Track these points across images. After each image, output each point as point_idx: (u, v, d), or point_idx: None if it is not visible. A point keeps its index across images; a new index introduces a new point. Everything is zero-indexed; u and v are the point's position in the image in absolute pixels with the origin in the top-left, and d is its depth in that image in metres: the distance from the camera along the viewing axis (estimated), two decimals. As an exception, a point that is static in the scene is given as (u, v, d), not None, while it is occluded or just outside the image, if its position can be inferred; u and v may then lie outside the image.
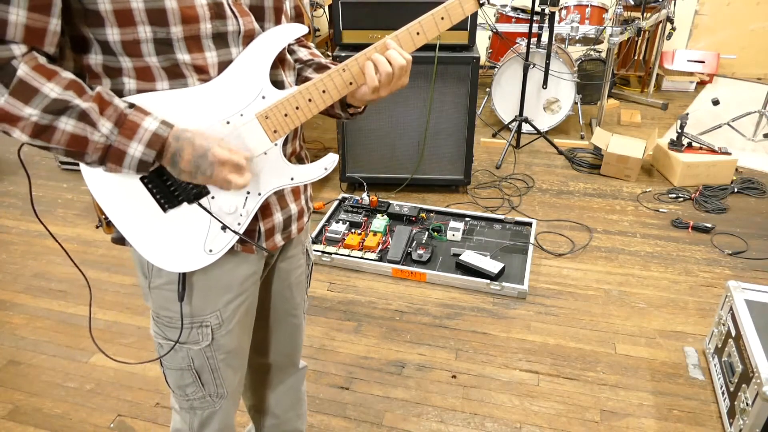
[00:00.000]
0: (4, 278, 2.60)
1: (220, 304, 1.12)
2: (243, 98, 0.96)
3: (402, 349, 2.18)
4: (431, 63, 2.91)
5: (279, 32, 0.98)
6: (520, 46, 3.81)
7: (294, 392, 1.54)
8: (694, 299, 2.43)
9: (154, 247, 1.00)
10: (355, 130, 3.13)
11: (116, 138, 0.87)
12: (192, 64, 0.92)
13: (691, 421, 1.88)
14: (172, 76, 0.92)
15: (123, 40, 0.88)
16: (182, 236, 1.00)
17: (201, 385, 1.20)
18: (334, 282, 2.56)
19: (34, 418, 1.91)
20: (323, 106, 1.01)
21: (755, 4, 4.97)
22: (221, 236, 1.02)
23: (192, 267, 1.03)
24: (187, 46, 0.91)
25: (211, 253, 1.02)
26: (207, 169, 0.91)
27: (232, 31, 0.94)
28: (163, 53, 0.90)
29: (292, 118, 0.99)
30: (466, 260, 2.56)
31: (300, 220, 1.20)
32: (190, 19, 0.88)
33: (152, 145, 0.89)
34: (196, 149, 0.90)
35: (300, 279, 1.35)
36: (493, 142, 3.95)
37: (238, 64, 0.96)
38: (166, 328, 1.13)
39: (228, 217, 1.01)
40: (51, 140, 0.85)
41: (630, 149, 3.41)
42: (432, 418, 1.90)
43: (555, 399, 1.96)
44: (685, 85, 4.94)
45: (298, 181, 1.05)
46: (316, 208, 3.09)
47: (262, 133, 0.98)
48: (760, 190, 3.27)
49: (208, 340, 1.14)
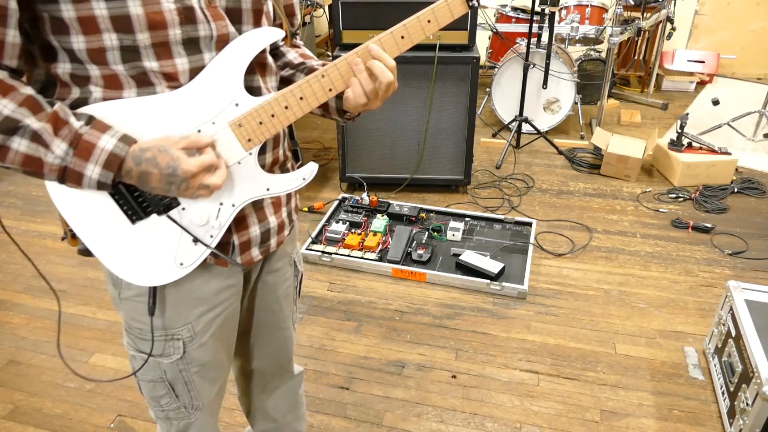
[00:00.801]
0: (4, 278, 2.60)
1: (192, 317, 1.09)
2: (215, 106, 0.92)
3: (402, 349, 2.18)
4: (431, 63, 2.91)
5: (253, 36, 0.93)
6: (520, 46, 3.81)
7: (291, 396, 1.52)
8: (694, 299, 2.43)
9: (121, 260, 0.96)
10: (355, 130, 3.13)
11: (72, 159, 0.84)
12: (161, 72, 0.88)
13: (691, 421, 1.88)
14: (140, 84, 0.89)
15: (88, 48, 0.84)
16: (151, 249, 0.96)
17: (175, 397, 1.17)
18: (334, 282, 2.56)
19: (34, 418, 1.91)
20: (301, 113, 0.97)
21: (755, 4, 4.97)
22: (193, 249, 0.98)
23: (162, 281, 0.99)
24: (156, 53, 0.87)
25: (182, 267, 0.98)
26: (181, 184, 0.88)
27: (204, 36, 0.90)
28: (129, 61, 0.86)
29: (267, 127, 0.94)
30: (466, 260, 2.56)
31: (280, 234, 1.15)
32: (157, 25, 0.84)
33: (109, 166, 0.85)
34: (164, 169, 0.86)
35: (288, 292, 1.31)
36: (493, 142, 3.95)
37: (210, 70, 0.91)
38: (137, 339, 1.09)
39: (200, 229, 0.97)
40: (5, 160, 0.83)
41: (630, 149, 3.41)
42: (432, 418, 1.90)
43: (555, 399, 1.96)
44: (685, 85, 4.94)
45: (275, 192, 1.01)
46: (316, 208, 3.09)
47: (235, 142, 0.94)
48: (760, 190, 3.27)
49: (180, 353, 1.11)
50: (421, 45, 2.91)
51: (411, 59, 2.91)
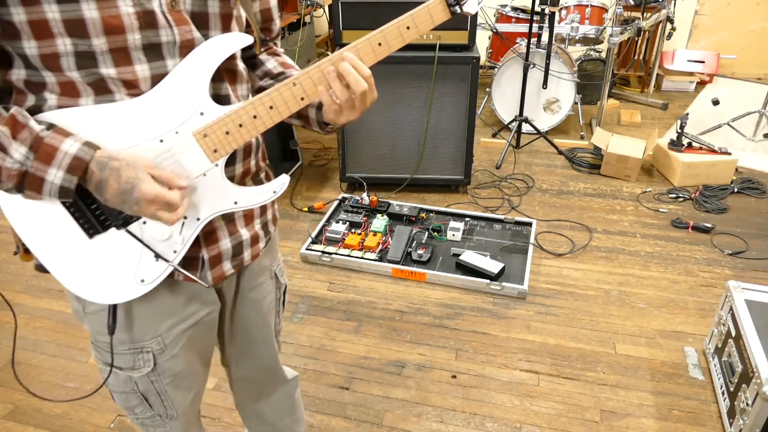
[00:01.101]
0: (4, 278, 2.60)
1: (161, 330, 1.05)
2: (179, 115, 0.87)
3: (402, 349, 2.18)
4: (431, 63, 2.91)
5: (220, 42, 0.88)
6: (520, 46, 3.81)
7: (287, 400, 1.50)
8: (694, 299, 2.43)
9: (78, 276, 0.90)
10: (355, 130, 3.13)
11: (32, 164, 0.79)
12: (119, 79, 0.83)
13: (691, 421, 1.88)
14: (98, 92, 0.84)
15: (41, 53, 0.80)
16: (111, 265, 0.91)
17: (149, 406, 1.14)
18: (334, 282, 2.56)
19: (34, 418, 1.91)
20: (271, 123, 0.91)
21: (755, 4, 4.97)
22: (154, 265, 0.92)
23: (123, 298, 0.94)
24: (113, 59, 0.82)
25: (143, 284, 0.93)
26: (133, 205, 0.83)
27: (167, 42, 0.85)
28: (85, 68, 0.81)
29: (234, 137, 0.89)
30: (466, 260, 2.56)
31: (254, 246, 1.10)
32: (114, 30, 0.80)
33: (73, 170, 0.81)
34: (122, 183, 0.81)
35: (271, 306, 1.27)
36: (493, 142, 3.96)
37: (174, 77, 0.86)
38: (105, 353, 1.06)
39: (161, 244, 0.91)
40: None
41: (630, 149, 3.41)
42: (432, 418, 1.90)
43: (555, 399, 1.96)
44: (685, 85, 4.94)
45: (243, 206, 0.96)
46: (316, 208, 3.09)
47: (200, 152, 0.89)
48: (760, 190, 3.27)
49: (150, 366, 1.07)
50: (421, 45, 2.91)
51: (411, 59, 2.91)
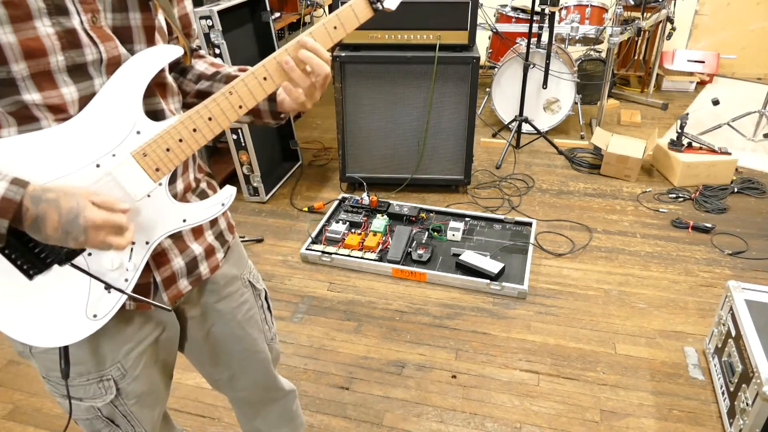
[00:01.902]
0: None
1: (119, 356, 1.00)
2: (113, 136, 0.82)
3: (402, 349, 2.18)
4: (431, 63, 2.91)
5: (149, 55, 0.84)
6: (520, 46, 3.81)
7: (286, 414, 1.46)
8: (694, 299, 2.43)
9: (22, 322, 0.83)
10: (355, 130, 3.13)
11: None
12: (45, 104, 0.78)
13: (691, 421, 1.88)
14: (22, 121, 0.78)
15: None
16: (57, 304, 0.84)
17: (116, 426, 1.09)
18: (334, 282, 2.56)
19: (34, 418, 1.91)
20: (212, 135, 0.88)
21: (755, 4, 4.97)
22: (106, 297, 0.87)
23: (75, 338, 0.87)
24: (36, 84, 0.77)
25: (95, 319, 0.87)
26: (80, 235, 0.77)
27: (93, 61, 0.81)
28: (5, 95, 0.76)
29: (176, 153, 0.86)
30: (466, 260, 2.56)
31: (210, 259, 1.06)
32: (35, 53, 0.75)
33: (3, 212, 0.74)
34: (64, 214, 0.75)
35: (249, 315, 1.21)
36: (493, 142, 3.96)
37: (103, 96, 0.82)
38: (60, 386, 0.99)
39: (112, 273, 0.86)
40: None
41: (630, 149, 3.41)
42: (432, 418, 1.90)
43: (555, 399, 1.96)
44: (685, 85, 4.94)
45: (193, 222, 0.92)
46: (316, 208, 3.09)
47: (141, 173, 0.85)
48: (760, 190, 3.27)
49: (113, 393, 1.02)
50: (422, 45, 2.92)
51: (411, 59, 2.92)
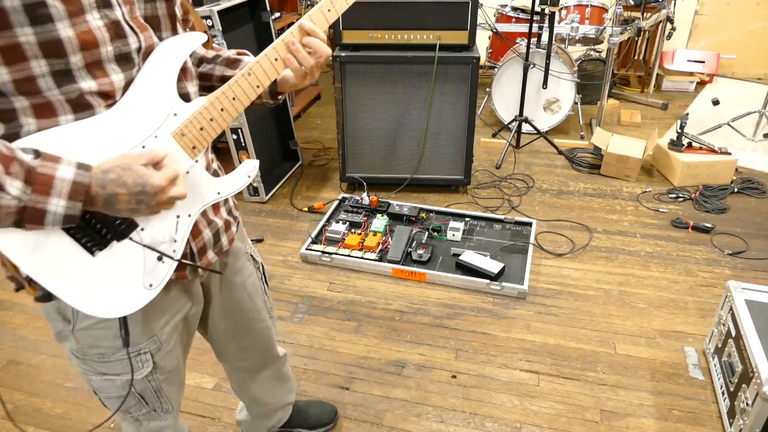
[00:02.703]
0: (4, 278, 2.60)
1: (157, 329, 1.08)
2: (154, 118, 0.89)
3: (402, 349, 2.18)
4: (431, 63, 2.91)
5: (179, 42, 0.91)
6: (520, 46, 3.81)
7: (279, 378, 1.61)
8: (694, 299, 2.43)
9: (87, 296, 0.89)
10: (355, 130, 3.13)
11: (30, 197, 0.76)
12: (98, 92, 0.85)
13: (691, 421, 1.88)
14: (78, 108, 0.84)
15: (14, 78, 0.78)
16: (117, 277, 0.91)
17: (145, 404, 1.17)
18: (334, 282, 2.56)
19: (34, 418, 1.91)
20: (236, 113, 0.97)
21: (755, 4, 4.97)
22: (159, 268, 0.95)
23: (135, 307, 0.94)
24: (90, 73, 0.83)
25: (151, 288, 0.95)
26: (151, 200, 0.84)
27: (135, 49, 0.88)
28: (64, 84, 0.81)
29: (208, 131, 0.95)
30: (466, 260, 2.56)
31: (228, 232, 1.17)
32: (89, 45, 0.81)
33: (75, 196, 0.79)
34: (131, 186, 0.82)
35: (255, 286, 1.34)
36: (493, 142, 3.96)
37: (142, 82, 0.88)
38: (96, 363, 1.06)
39: (162, 246, 0.95)
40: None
41: (630, 149, 3.41)
42: (432, 418, 1.90)
43: (555, 399, 1.96)
44: (685, 85, 4.94)
45: (225, 194, 1.01)
46: (316, 208, 3.09)
47: (181, 152, 0.92)
48: (760, 190, 3.27)
49: (150, 366, 1.10)
50: (422, 45, 2.92)
51: (411, 59, 2.92)
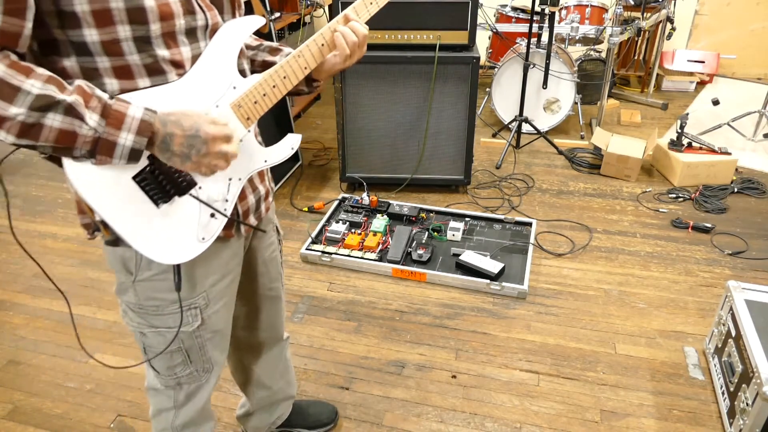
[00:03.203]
0: (4, 278, 2.60)
1: (207, 286, 1.17)
2: (216, 90, 1.00)
3: (402, 349, 2.18)
4: (431, 63, 2.91)
5: (242, 24, 1.01)
6: (520, 46, 3.81)
7: (281, 361, 1.63)
8: (694, 299, 2.43)
9: (150, 243, 1.00)
10: (355, 130, 3.13)
11: (104, 129, 0.87)
12: (170, 60, 0.95)
13: (691, 421, 1.88)
14: (152, 73, 0.94)
15: (102, 40, 0.88)
16: (176, 229, 1.02)
17: (189, 363, 1.24)
18: (334, 282, 2.56)
19: (34, 418, 1.91)
20: (285, 90, 1.08)
21: (755, 4, 4.97)
22: (212, 223, 1.06)
23: (188, 257, 1.05)
24: (165, 42, 0.93)
25: (203, 241, 1.06)
26: (202, 147, 0.93)
27: (201, 26, 0.98)
28: (143, 51, 0.92)
29: (260, 105, 1.05)
30: (466, 260, 2.56)
31: (267, 200, 1.27)
32: (167, 16, 0.91)
33: (142, 131, 0.89)
34: (187, 129, 0.92)
35: (273, 255, 1.42)
36: (493, 142, 3.95)
37: (209, 57, 0.99)
38: (150, 317, 1.15)
39: (216, 203, 1.06)
40: (39, 138, 0.84)
41: (630, 149, 3.41)
42: (432, 418, 1.90)
43: (555, 399, 1.96)
44: (685, 85, 4.94)
45: (271, 163, 1.12)
46: (316, 208, 3.09)
47: (236, 121, 1.04)
48: (760, 190, 3.27)
49: (198, 321, 1.19)
50: (422, 45, 2.91)
51: (411, 59, 2.91)
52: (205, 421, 1.40)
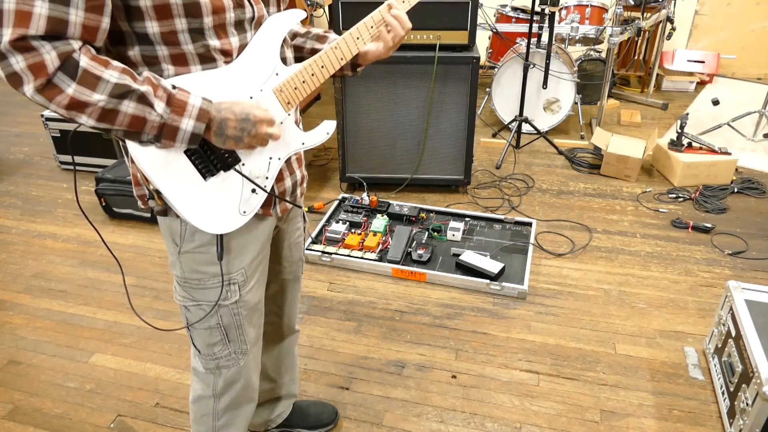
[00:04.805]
0: (4, 278, 2.60)
1: (245, 262, 1.25)
2: (261, 76, 1.10)
3: (402, 349, 2.18)
4: (431, 63, 2.91)
5: (285, 16, 1.11)
6: (520, 46, 3.81)
7: (289, 355, 1.68)
8: (694, 299, 2.43)
9: (197, 212, 1.10)
10: (355, 130, 3.13)
11: (169, 116, 0.97)
12: (220, 49, 1.05)
13: (691, 421, 1.88)
14: (204, 61, 1.05)
15: (162, 31, 0.99)
16: (220, 201, 1.12)
17: (228, 342, 1.31)
18: (334, 282, 2.56)
19: (34, 418, 1.91)
20: (323, 78, 1.17)
21: (755, 4, 4.97)
22: (252, 198, 1.15)
23: (230, 228, 1.14)
24: (216, 33, 1.03)
25: (244, 215, 1.15)
26: (252, 129, 1.03)
27: (249, 18, 1.08)
28: (197, 41, 1.02)
29: (300, 91, 1.14)
30: (466, 260, 2.56)
31: (302, 186, 1.34)
32: (218, 10, 1.00)
33: (201, 118, 1.00)
34: (238, 114, 1.02)
35: (298, 240, 1.50)
36: (493, 142, 3.95)
37: (254, 46, 1.09)
38: (193, 290, 1.23)
39: (257, 179, 1.14)
40: (114, 122, 0.94)
41: (630, 149, 3.41)
42: (432, 418, 1.90)
43: (555, 399, 1.96)
44: (685, 85, 4.94)
45: (308, 145, 1.21)
46: (316, 208, 3.09)
47: (278, 105, 1.13)
48: (760, 190, 3.27)
49: (237, 296, 1.26)
50: (422, 45, 2.92)
51: (411, 59, 2.91)
52: (246, 403, 1.46)
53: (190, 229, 1.17)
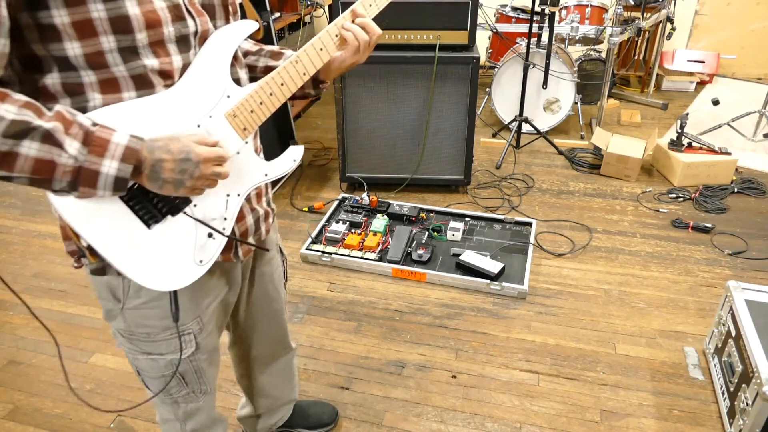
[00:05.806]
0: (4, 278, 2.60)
1: (200, 310, 1.12)
2: (209, 99, 0.94)
3: (402, 349, 2.18)
4: (431, 63, 2.91)
5: (233, 29, 0.96)
6: (520, 46, 3.81)
7: (287, 371, 1.63)
8: (694, 299, 2.43)
9: (142, 268, 0.93)
10: (355, 130, 3.13)
11: (86, 158, 0.80)
12: (159, 70, 0.89)
13: (691, 421, 1.88)
14: (140, 85, 0.88)
15: (86, 53, 0.82)
16: (170, 252, 0.95)
17: (185, 385, 1.21)
18: (334, 282, 2.56)
19: (34, 418, 1.91)
20: (283, 98, 1.02)
21: (755, 4, 4.97)
22: (209, 244, 0.99)
23: (185, 282, 0.98)
24: (153, 51, 0.88)
25: (201, 264, 0.99)
26: (195, 170, 0.87)
27: (192, 33, 0.93)
28: (130, 61, 0.86)
29: (257, 114, 0.99)
30: (466, 260, 2.56)
31: (266, 221, 1.20)
32: (153, 24, 0.85)
33: (127, 159, 0.83)
34: (176, 153, 0.86)
35: (280, 277, 1.41)
36: (493, 142, 3.95)
37: (199, 65, 0.93)
38: (142, 343, 1.10)
39: (213, 222, 0.99)
40: (13, 168, 0.77)
41: (630, 149, 3.41)
42: (432, 418, 1.90)
43: (555, 399, 1.96)
44: (685, 85, 4.94)
45: (272, 177, 1.05)
46: (316, 208, 3.09)
47: (232, 132, 0.97)
48: (760, 190, 3.27)
49: (193, 347, 1.14)
50: (422, 45, 2.91)
51: (411, 59, 2.91)
52: (215, 425, 1.38)
53: (134, 285, 1.01)
